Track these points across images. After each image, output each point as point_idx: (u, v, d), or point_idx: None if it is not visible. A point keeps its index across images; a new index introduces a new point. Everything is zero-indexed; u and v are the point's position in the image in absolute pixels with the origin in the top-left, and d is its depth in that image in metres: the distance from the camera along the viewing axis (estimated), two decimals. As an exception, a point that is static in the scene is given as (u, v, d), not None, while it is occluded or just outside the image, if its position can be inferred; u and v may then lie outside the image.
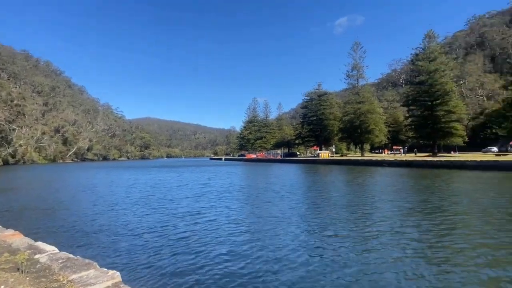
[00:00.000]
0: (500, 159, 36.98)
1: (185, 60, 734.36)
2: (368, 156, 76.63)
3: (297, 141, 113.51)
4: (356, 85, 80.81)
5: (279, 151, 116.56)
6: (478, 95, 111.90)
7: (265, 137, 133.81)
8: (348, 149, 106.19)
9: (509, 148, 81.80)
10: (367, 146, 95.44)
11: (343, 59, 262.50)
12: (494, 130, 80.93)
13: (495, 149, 78.06)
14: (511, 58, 54.86)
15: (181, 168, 61.44)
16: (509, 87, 48.30)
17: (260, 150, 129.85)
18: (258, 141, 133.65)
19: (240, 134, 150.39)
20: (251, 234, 9.63)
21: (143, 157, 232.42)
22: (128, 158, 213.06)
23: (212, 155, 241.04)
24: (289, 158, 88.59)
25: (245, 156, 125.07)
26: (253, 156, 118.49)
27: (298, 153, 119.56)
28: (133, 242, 9.09)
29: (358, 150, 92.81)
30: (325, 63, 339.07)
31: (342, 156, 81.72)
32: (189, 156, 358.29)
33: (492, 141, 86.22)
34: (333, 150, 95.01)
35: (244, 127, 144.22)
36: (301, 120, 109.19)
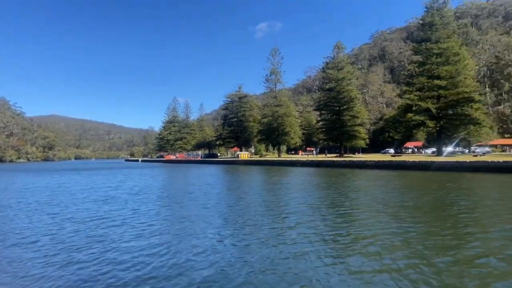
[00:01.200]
0: (394, 159, 42.06)
1: (98, 55, 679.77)
2: (284, 157, 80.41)
3: (218, 142, 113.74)
4: (274, 89, 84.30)
5: (199, 152, 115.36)
6: (379, 102, 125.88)
7: (185, 138, 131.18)
8: (267, 150, 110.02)
9: (403, 150, 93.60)
10: (284, 147, 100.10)
11: (262, 63, 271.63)
12: (391, 134, 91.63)
13: (391, 150, 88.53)
14: (405, 70, 62.85)
15: (90, 171, 56.63)
16: (403, 96, 55.11)
17: (180, 151, 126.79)
18: (178, 142, 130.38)
19: (159, 134, 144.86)
20: (158, 236, 9.30)
21: (46, 159, 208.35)
22: (29, 160, 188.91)
23: (128, 157, 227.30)
24: (209, 159, 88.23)
25: (163, 157, 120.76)
26: (172, 157, 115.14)
27: (218, 154, 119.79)
28: (24, 251, 8.06)
29: (276, 151, 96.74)
30: (247, 65, 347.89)
31: (260, 157, 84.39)
32: (102, 157, 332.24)
33: (389, 143, 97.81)
34: (253, 151, 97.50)
35: (164, 127, 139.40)
36: (222, 122, 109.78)
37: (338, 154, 69.56)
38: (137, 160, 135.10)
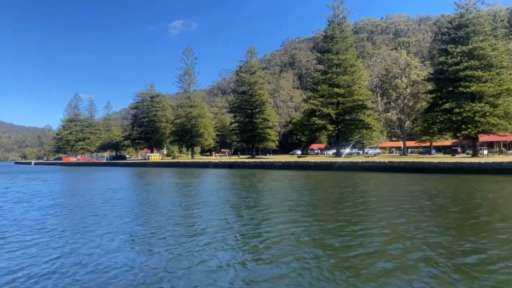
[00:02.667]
0: (299, 160, 45.08)
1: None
2: (198, 158, 79.70)
3: (126, 143, 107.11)
4: (188, 89, 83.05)
5: (105, 154, 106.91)
6: (288, 107, 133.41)
7: (89, 139, 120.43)
8: (180, 152, 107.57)
9: (309, 151, 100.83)
10: (197, 149, 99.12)
11: (176, 62, 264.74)
12: (298, 136, 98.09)
13: (299, 152, 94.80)
14: (311, 78, 67.85)
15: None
16: (308, 101, 59.35)
17: (82, 153, 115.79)
18: (80, 143, 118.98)
19: (58, 134, 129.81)
20: (34, 247, 8.37)
21: None
22: None
23: (19, 159, 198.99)
24: (116, 162, 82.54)
25: (62, 159, 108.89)
26: (72, 159, 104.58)
27: (127, 156, 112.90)
28: None
29: (189, 152, 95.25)
30: (160, 64, 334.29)
31: (173, 158, 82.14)
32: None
33: (297, 145, 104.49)
34: (165, 152, 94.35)
35: (63, 126, 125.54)
36: (132, 121, 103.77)
37: (250, 156, 71.64)
38: (30, 163, 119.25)
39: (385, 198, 16.16)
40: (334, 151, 69.35)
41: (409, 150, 79.45)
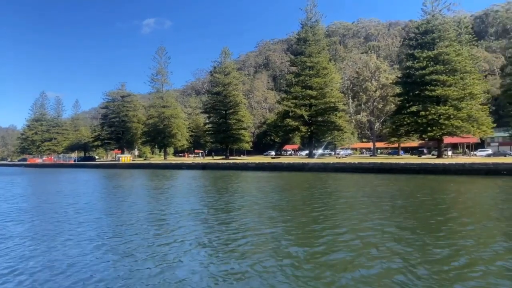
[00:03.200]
0: (272, 161, 45.34)
1: None
2: (171, 159, 78.40)
3: (95, 144, 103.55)
4: (161, 89, 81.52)
5: (73, 155, 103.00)
6: (263, 108, 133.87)
7: (55, 139, 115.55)
8: (152, 152, 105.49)
9: (282, 152, 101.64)
10: (170, 150, 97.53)
11: (148, 61, 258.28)
12: (272, 137, 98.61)
13: (273, 152, 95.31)
14: (284, 79, 68.45)
15: None
16: (281, 103, 59.84)
17: (48, 154, 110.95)
18: (46, 143, 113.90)
19: (22, 134, 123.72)
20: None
21: None
22: None
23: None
24: (84, 163, 79.70)
25: (27, 160, 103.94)
26: (38, 160, 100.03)
27: (96, 157, 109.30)
28: None
29: (162, 153, 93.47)
30: (132, 62, 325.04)
31: (145, 159, 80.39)
32: None
33: (271, 146, 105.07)
34: (136, 153, 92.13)
35: (28, 126, 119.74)
36: (101, 121, 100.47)
37: (224, 157, 71.27)
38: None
39: (353, 200, 16.54)
40: (307, 152, 70.30)
41: (379, 151, 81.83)
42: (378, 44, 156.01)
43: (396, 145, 68.97)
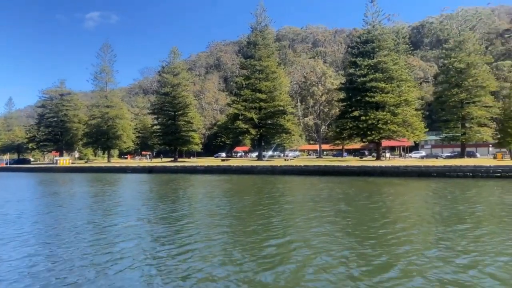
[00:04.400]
0: (221, 164, 45.15)
1: None
2: (115, 162, 74.75)
3: (30, 145, 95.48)
4: (105, 88, 77.42)
5: (4, 157, 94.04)
6: (213, 109, 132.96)
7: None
8: (95, 154, 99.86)
9: (233, 154, 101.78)
10: (116, 152, 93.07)
11: (91, 58, 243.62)
12: (223, 139, 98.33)
13: (223, 154, 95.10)
14: (234, 82, 68.48)
15: None
16: (231, 105, 59.92)
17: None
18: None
19: None
20: None
21: None
22: None
23: None
24: (18, 166, 73.05)
25: None
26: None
27: (32, 159, 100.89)
28: None
29: (106, 155, 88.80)
30: (73, 58, 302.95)
31: (86, 162, 75.75)
32: None
33: (222, 148, 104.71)
34: (77, 156, 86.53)
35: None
36: (37, 121, 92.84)
37: (173, 159, 69.58)
38: None
39: (299, 205, 17.05)
40: (258, 153, 71.07)
41: (325, 152, 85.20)
42: (325, 50, 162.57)
43: (340, 147, 72.32)
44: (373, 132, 44.88)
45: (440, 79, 60.37)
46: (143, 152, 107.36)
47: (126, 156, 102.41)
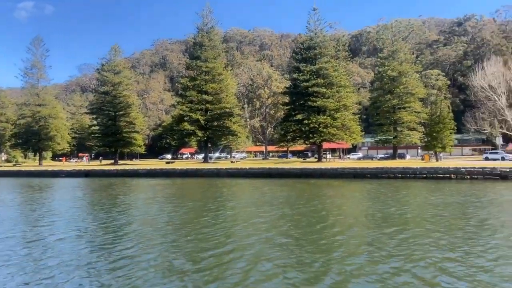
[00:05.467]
0: (165, 167, 43.96)
1: None
2: (48, 165, 69.15)
3: None
4: (37, 85, 71.29)
5: None
6: (159, 109, 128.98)
7: None
8: (25, 157, 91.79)
9: (179, 156, 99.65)
10: (48, 154, 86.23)
11: (21, 53, 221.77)
12: (168, 140, 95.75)
13: (169, 156, 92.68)
14: (179, 83, 66.93)
15: None
16: (176, 106, 58.66)
17: None
18: None
19: None
20: None
21: None
22: None
23: None
24: None
25: None
26: None
27: None
28: None
29: (38, 158, 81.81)
30: (0, 51, 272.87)
31: (14, 165, 69.09)
32: None
33: (167, 149, 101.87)
34: (3, 158, 78.54)
35: None
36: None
37: (113, 162, 66.19)
38: None
39: (244, 210, 17.23)
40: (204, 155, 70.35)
41: (271, 154, 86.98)
42: (272, 54, 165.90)
43: (285, 148, 74.35)
44: (314, 135, 46.87)
45: (376, 85, 64.87)
46: (80, 154, 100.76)
47: (60, 159, 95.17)
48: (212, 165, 48.07)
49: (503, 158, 45.87)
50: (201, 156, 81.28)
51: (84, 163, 71.17)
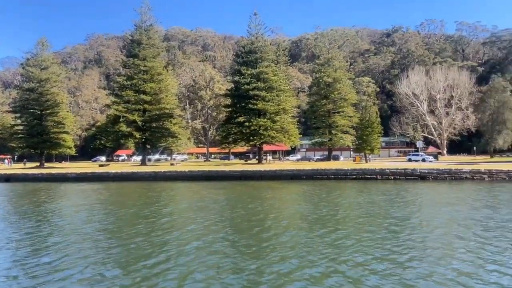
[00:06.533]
0: (96, 171, 41.29)
1: None
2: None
3: None
4: None
5: None
6: (92, 108, 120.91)
7: None
8: None
9: (115, 158, 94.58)
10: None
11: None
12: (103, 142, 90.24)
13: (103, 158, 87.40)
14: (115, 82, 63.43)
15: None
16: (112, 106, 55.56)
17: None
18: None
19: None
20: None
21: None
22: None
23: None
24: None
25: None
26: None
27: None
28: None
29: None
30: None
31: None
32: None
33: (102, 150, 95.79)
34: None
35: None
36: None
37: (39, 165, 60.62)
38: None
39: (182, 216, 16.95)
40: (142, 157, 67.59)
41: (213, 155, 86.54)
42: (214, 55, 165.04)
43: (227, 150, 74.48)
44: (255, 137, 47.71)
45: (313, 90, 68.08)
46: (1, 156, 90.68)
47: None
48: (150, 168, 46.45)
49: (423, 160, 50.99)
50: (139, 158, 77.95)
51: (5, 166, 64.19)
